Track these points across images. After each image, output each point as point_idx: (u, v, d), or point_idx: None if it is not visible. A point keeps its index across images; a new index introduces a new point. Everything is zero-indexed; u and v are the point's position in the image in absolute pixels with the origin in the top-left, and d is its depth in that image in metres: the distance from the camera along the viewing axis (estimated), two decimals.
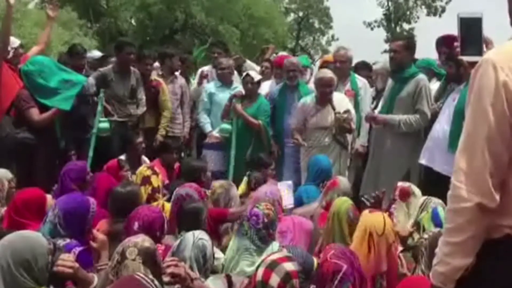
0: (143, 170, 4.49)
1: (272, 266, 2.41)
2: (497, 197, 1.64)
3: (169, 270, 2.34)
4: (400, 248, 3.22)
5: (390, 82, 5.27)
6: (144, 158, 5.46)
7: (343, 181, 4.15)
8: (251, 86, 5.85)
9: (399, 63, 5.01)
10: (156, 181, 4.40)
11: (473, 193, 1.63)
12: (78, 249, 2.85)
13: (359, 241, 3.00)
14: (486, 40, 1.80)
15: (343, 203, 3.45)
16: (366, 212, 3.28)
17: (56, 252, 2.38)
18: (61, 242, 2.83)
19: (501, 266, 1.67)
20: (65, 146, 5.40)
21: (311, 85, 5.84)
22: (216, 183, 4.38)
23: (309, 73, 6.39)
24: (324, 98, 5.24)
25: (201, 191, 3.95)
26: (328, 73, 5.33)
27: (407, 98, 4.94)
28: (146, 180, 4.35)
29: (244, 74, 6.07)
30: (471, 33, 1.82)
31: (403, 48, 4.99)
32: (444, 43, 5.31)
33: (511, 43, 1.72)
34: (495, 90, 1.63)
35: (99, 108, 5.41)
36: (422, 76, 4.98)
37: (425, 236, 2.99)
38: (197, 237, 2.81)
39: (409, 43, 5.10)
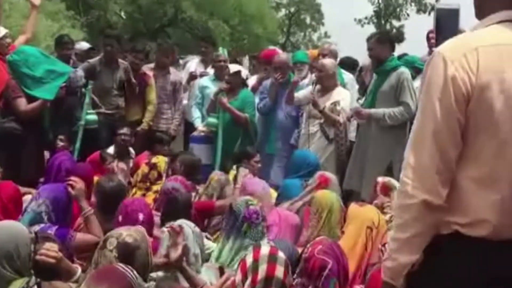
0: (142, 166, 4.50)
1: (273, 259, 2.41)
2: (444, 194, 1.61)
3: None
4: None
5: (374, 76, 5.33)
6: (130, 149, 5.43)
7: (333, 178, 4.17)
8: (230, 78, 5.83)
9: (376, 58, 5.12)
10: (154, 173, 4.46)
11: (419, 189, 1.60)
12: (53, 228, 2.82)
13: (354, 234, 3.01)
14: (462, 32, 1.79)
15: (332, 195, 3.47)
16: (355, 205, 3.29)
17: (39, 241, 2.36)
18: (35, 228, 2.80)
19: (449, 262, 1.66)
20: (53, 137, 5.36)
21: (306, 81, 5.87)
22: (215, 176, 4.36)
23: (307, 68, 6.39)
24: (318, 84, 5.29)
25: (187, 184, 3.94)
26: (323, 60, 5.46)
27: (389, 91, 4.97)
28: (145, 178, 4.40)
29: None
30: (448, 25, 1.81)
31: (376, 44, 5.07)
32: (427, 38, 5.38)
33: (465, 36, 1.69)
34: (444, 84, 1.59)
35: (87, 100, 5.39)
36: (403, 69, 5.02)
37: None
38: (191, 225, 2.81)
39: (381, 38, 5.18)
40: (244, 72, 6.09)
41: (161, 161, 4.59)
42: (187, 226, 2.85)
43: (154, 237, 3.09)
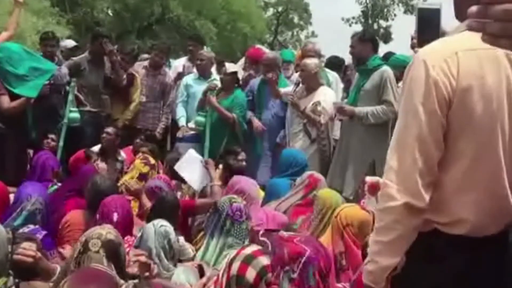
0: (140, 166, 4.45)
1: (248, 260, 2.37)
2: (427, 197, 1.61)
3: (135, 258, 2.29)
4: None
5: (356, 74, 5.32)
6: (121, 152, 5.37)
7: (323, 179, 4.16)
8: (225, 77, 5.79)
9: (357, 57, 5.17)
10: (152, 174, 4.50)
11: (401, 192, 1.60)
12: (42, 233, 2.79)
13: (334, 232, 2.99)
14: (444, 33, 1.78)
15: (335, 195, 3.49)
16: (342, 204, 3.27)
17: (18, 241, 2.31)
18: (24, 229, 2.77)
19: (428, 260, 1.67)
20: (36, 136, 5.29)
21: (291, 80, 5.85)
22: None
23: (292, 68, 6.35)
24: (304, 83, 5.26)
25: (171, 183, 3.92)
26: (306, 60, 5.41)
27: (372, 90, 4.97)
28: (143, 177, 4.37)
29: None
30: (429, 25, 1.79)
31: (357, 42, 5.09)
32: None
33: (445, 41, 1.69)
34: (426, 89, 1.60)
35: (70, 97, 5.32)
36: (386, 68, 5.01)
37: None
38: (158, 224, 2.78)
39: (363, 36, 5.17)
40: (241, 73, 6.06)
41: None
42: (151, 225, 2.82)
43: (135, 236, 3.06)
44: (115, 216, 2.99)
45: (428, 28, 1.76)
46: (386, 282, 1.70)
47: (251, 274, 2.33)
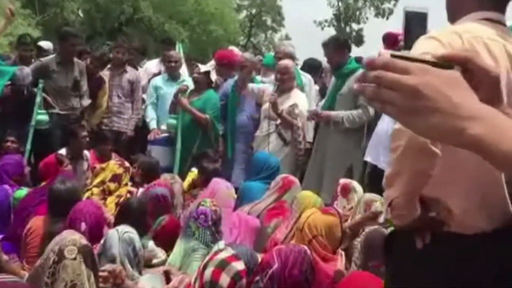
0: (114, 167, 4.38)
1: (221, 266, 2.33)
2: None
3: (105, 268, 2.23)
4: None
5: (333, 79, 5.33)
6: (85, 151, 5.28)
7: (297, 181, 4.14)
8: (197, 77, 5.73)
9: (330, 61, 5.27)
10: (125, 177, 4.41)
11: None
12: None
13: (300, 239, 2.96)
14: None
15: (314, 196, 3.48)
16: (311, 209, 3.24)
17: None
18: None
19: (417, 261, 1.59)
20: (1, 137, 5.15)
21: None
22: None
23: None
24: (280, 86, 5.24)
25: (169, 186, 3.94)
26: (285, 61, 5.36)
27: (348, 94, 4.98)
28: (116, 178, 4.30)
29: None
30: (416, 28, 1.78)
31: (333, 51, 5.15)
32: (385, 40, 5.40)
33: (446, 27, 1.68)
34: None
35: (38, 99, 5.20)
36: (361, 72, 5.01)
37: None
38: (122, 231, 2.72)
39: (337, 45, 5.20)
40: (213, 75, 6.01)
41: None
42: (115, 232, 2.75)
43: None
44: (82, 226, 2.91)
45: (415, 31, 1.75)
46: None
47: (225, 280, 2.30)
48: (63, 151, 4.97)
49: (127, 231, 2.73)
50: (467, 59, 0.92)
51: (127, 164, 4.64)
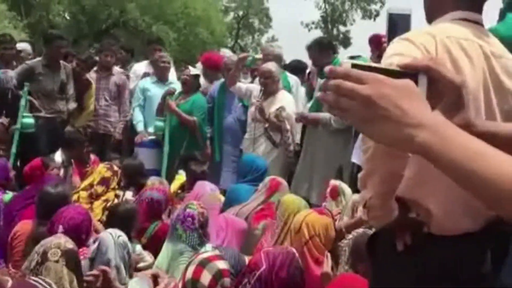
0: (102, 170, 4.35)
1: (203, 264, 2.34)
2: None
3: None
4: None
5: (319, 80, 5.34)
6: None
7: (285, 183, 4.14)
8: (186, 79, 5.72)
9: (315, 64, 5.33)
10: (113, 180, 4.39)
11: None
12: None
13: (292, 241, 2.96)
14: None
15: (299, 200, 3.45)
16: (303, 212, 3.25)
17: None
18: None
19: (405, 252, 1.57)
20: None
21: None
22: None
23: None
24: (264, 89, 5.22)
25: (167, 194, 3.93)
26: (268, 65, 5.32)
27: None
28: (104, 182, 4.29)
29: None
30: (400, 30, 1.80)
31: (318, 54, 5.20)
32: (371, 42, 5.45)
33: (421, 28, 1.67)
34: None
35: (23, 102, 5.17)
36: None
37: (349, 236, 2.99)
38: (116, 235, 2.70)
39: (322, 47, 5.24)
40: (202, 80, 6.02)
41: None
42: (110, 236, 2.74)
43: None
44: (60, 229, 2.88)
45: (398, 32, 1.76)
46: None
47: (206, 277, 2.30)
48: (58, 155, 4.92)
49: (120, 235, 2.72)
50: (429, 68, 0.95)
51: (115, 167, 4.60)
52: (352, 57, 5.04)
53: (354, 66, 0.89)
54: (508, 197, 0.78)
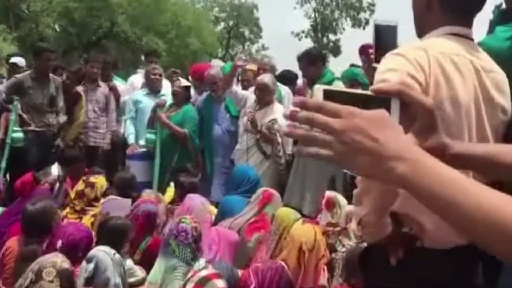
0: (79, 184, 4.32)
1: (202, 283, 2.32)
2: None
3: None
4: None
5: (309, 92, 5.36)
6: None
7: (277, 194, 4.12)
8: (177, 91, 5.71)
9: (305, 75, 5.37)
10: (90, 193, 4.26)
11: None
12: None
13: (290, 254, 2.94)
14: None
15: (293, 213, 3.43)
16: (298, 223, 3.24)
17: None
18: None
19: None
20: None
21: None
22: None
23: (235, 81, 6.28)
24: (258, 100, 5.23)
25: (164, 208, 3.90)
26: (264, 78, 5.32)
27: None
28: (80, 196, 4.22)
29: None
30: (386, 41, 1.80)
31: (308, 66, 5.19)
32: (361, 52, 5.45)
33: (415, 43, 1.67)
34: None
35: (13, 117, 5.14)
36: (337, 83, 5.06)
37: (343, 249, 2.98)
38: (111, 252, 2.68)
39: (311, 59, 5.22)
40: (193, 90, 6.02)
41: (100, 181, 4.38)
42: (106, 255, 2.71)
43: None
44: (58, 244, 2.86)
45: (385, 44, 1.76)
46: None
47: None
48: (54, 168, 4.87)
49: (115, 252, 2.70)
50: (401, 92, 0.94)
51: (91, 179, 4.48)
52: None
53: (326, 92, 0.86)
54: (484, 231, 0.78)
